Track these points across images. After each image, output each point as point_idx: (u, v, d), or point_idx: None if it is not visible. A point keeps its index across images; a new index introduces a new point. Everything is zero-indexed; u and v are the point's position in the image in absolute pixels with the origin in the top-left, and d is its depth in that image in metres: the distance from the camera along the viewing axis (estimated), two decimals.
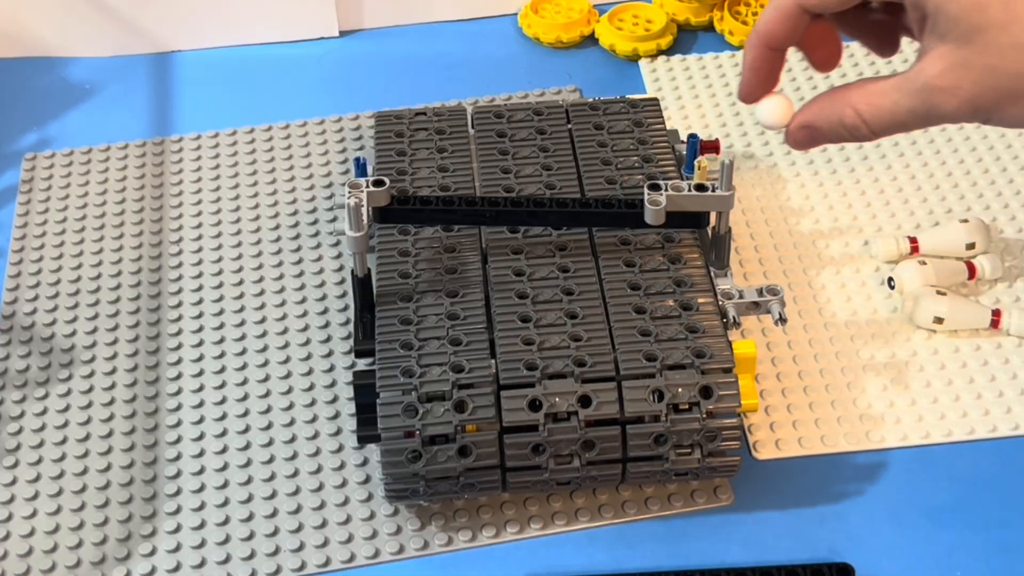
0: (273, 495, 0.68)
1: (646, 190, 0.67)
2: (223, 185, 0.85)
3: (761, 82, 0.61)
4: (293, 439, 0.70)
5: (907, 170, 0.84)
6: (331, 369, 0.74)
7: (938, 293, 0.73)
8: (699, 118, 0.89)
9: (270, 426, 0.71)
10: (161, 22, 0.95)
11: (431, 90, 0.92)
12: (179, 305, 0.78)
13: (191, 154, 0.88)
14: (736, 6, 0.96)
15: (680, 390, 0.62)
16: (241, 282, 0.79)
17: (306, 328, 0.76)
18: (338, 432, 0.70)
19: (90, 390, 0.73)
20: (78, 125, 0.91)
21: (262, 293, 0.78)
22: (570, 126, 0.77)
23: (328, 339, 0.75)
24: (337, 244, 0.81)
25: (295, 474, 0.69)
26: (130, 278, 0.79)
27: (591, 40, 0.96)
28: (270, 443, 0.70)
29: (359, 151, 0.87)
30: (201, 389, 0.73)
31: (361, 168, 0.73)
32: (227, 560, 0.65)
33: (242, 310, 0.77)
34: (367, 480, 0.68)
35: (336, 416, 0.71)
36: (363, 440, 0.64)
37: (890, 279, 0.76)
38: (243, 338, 0.76)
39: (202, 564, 0.65)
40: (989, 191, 0.83)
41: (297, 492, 0.68)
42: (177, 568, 0.65)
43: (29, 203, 0.84)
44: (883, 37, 0.60)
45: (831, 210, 0.82)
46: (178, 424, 0.71)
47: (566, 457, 0.62)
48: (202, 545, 0.66)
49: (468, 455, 0.61)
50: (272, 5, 0.96)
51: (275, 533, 0.66)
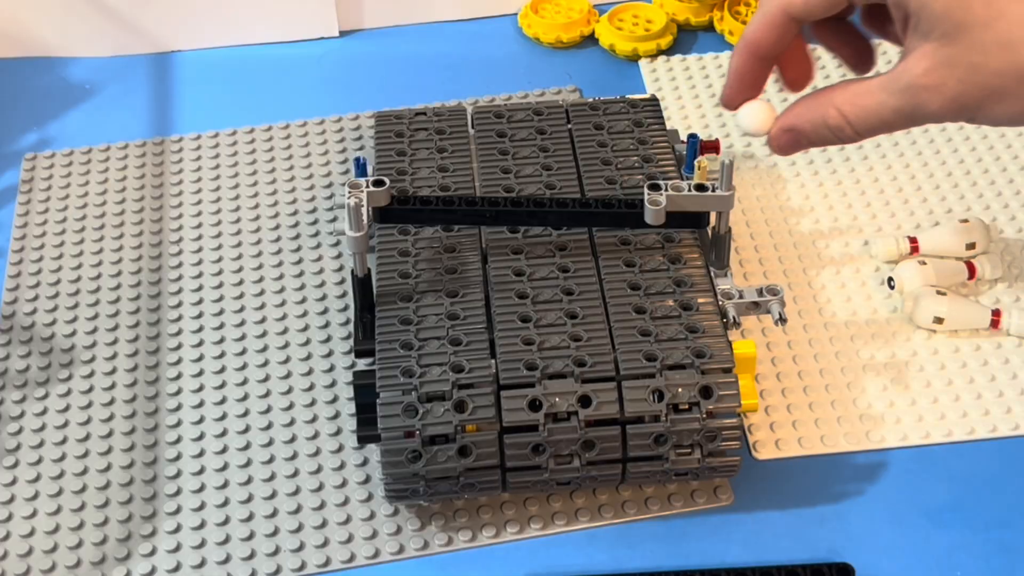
0: (273, 495, 0.68)
1: (646, 190, 0.67)
2: (223, 185, 0.85)
3: (744, 89, 0.61)
4: (293, 439, 0.70)
5: (907, 170, 0.84)
6: (331, 369, 0.74)
7: (938, 293, 0.73)
8: (699, 118, 0.89)
9: (270, 426, 0.71)
10: (161, 22, 0.95)
11: (431, 90, 0.92)
12: (179, 305, 0.78)
13: (191, 154, 0.88)
14: (736, 6, 0.96)
15: (680, 390, 0.62)
16: (241, 282, 0.79)
17: (306, 328, 0.76)
18: (338, 432, 0.70)
19: (90, 390, 0.73)
20: (78, 125, 0.91)
21: (262, 293, 0.78)
22: (570, 126, 0.77)
23: (328, 339, 0.75)
24: (337, 244, 0.81)
25: (295, 474, 0.69)
26: (130, 278, 0.79)
27: (591, 40, 0.96)
28: (270, 443, 0.70)
29: (359, 151, 0.87)
30: (201, 389, 0.73)
31: (361, 168, 0.73)
32: (227, 560, 0.65)
33: (242, 310, 0.77)
34: (367, 480, 0.68)
35: (336, 416, 0.71)
36: (363, 440, 0.64)
37: (890, 279, 0.76)
38: (243, 338, 0.76)
39: (202, 564, 0.65)
40: (989, 191, 0.83)
41: (297, 492, 0.68)
42: (177, 568, 0.65)
43: (29, 203, 0.84)
44: (861, 51, 0.60)
45: (831, 210, 0.82)
46: (178, 424, 0.71)
47: (566, 457, 0.62)
48: (202, 545, 0.66)
49: (468, 455, 0.61)
50: (272, 5, 0.96)
51: (275, 533, 0.66)
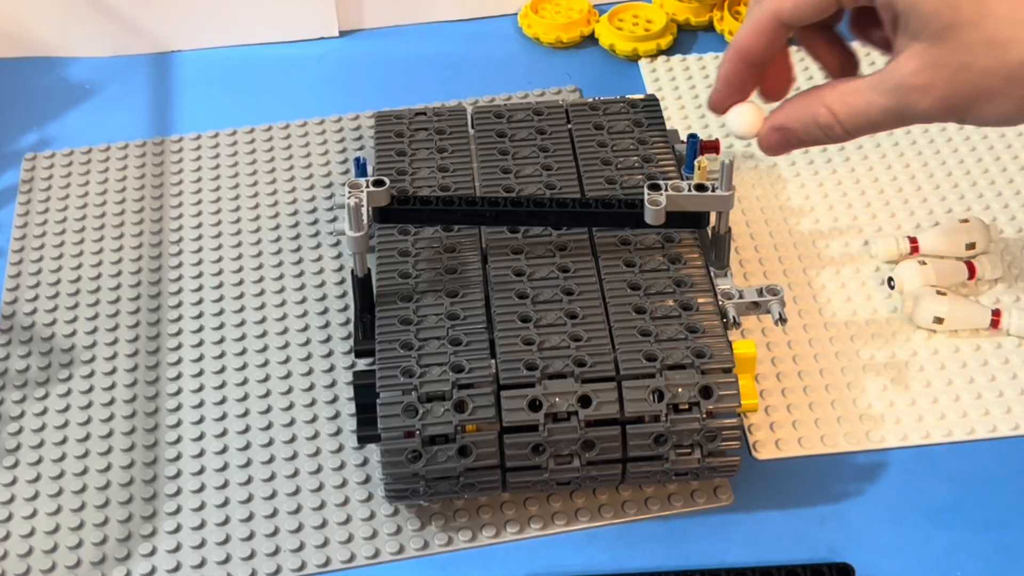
0: (273, 495, 0.68)
1: (646, 190, 0.67)
2: (223, 185, 0.85)
3: (732, 94, 0.61)
4: (293, 439, 0.70)
5: (907, 170, 0.84)
6: (331, 369, 0.74)
7: (938, 293, 0.73)
8: (699, 118, 0.89)
9: (270, 426, 0.71)
10: (161, 22, 0.95)
11: (431, 90, 0.92)
12: (179, 305, 0.78)
13: (191, 154, 0.88)
14: (736, 6, 0.96)
15: (680, 390, 0.62)
16: (241, 282, 0.79)
17: (306, 328, 0.76)
18: (338, 432, 0.70)
19: (90, 390, 0.73)
20: (78, 125, 0.91)
21: (262, 293, 0.78)
22: (570, 126, 0.77)
23: (328, 339, 0.75)
24: (337, 244, 0.81)
25: (295, 474, 0.69)
26: (130, 278, 0.79)
27: (591, 40, 0.96)
28: (270, 443, 0.70)
29: (359, 151, 0.87)
30: (201, 389, 0.73)
31: (361, 168, 0.73)
32: (227, 560, 0.65)
33: (242, 310, 0.77)
34: (367, 480, 0.68)
35: (336, 416, 0.71)
36: (363, 440, 0.64)
37: (890, 279, 0.76)
38: (243, 338, 0.76)
39: (202, 564, 0.65)
40: (989, 191, 0.83)
41: (297, 492, 0.68)
42: (177, 568, 0.65)
43: (29, 203, 0.84)
44: (845, 61, 0.60)
45: (831, 210, 0.82)
46: (178, 424, 0.71)
47: (566, 457, 0.62)
48: (202, 545, 0.66)
49: (468, 455, 0.61)
50: (272, 5, 0.96)
51: (275, 533, 0.66)
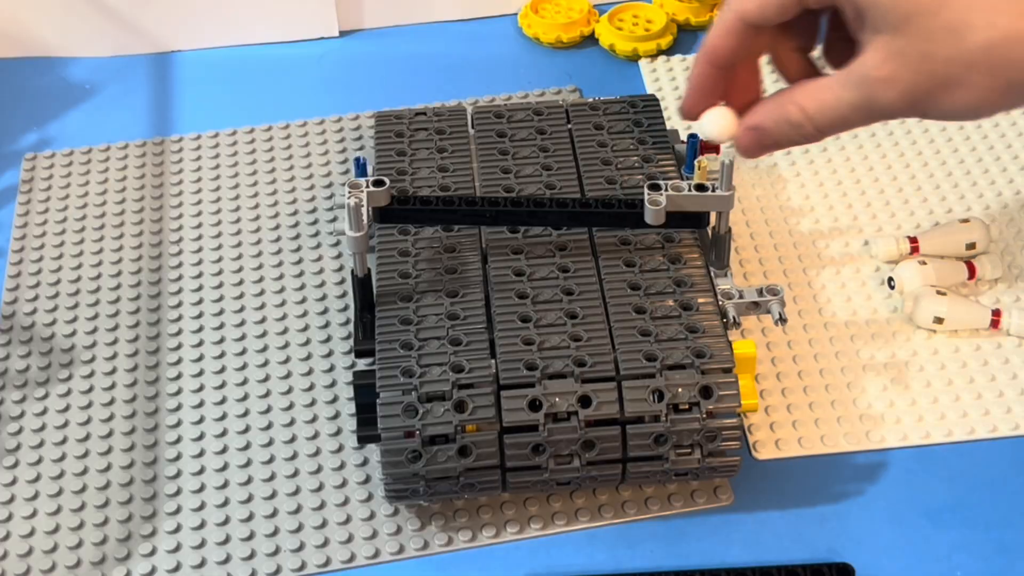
0: (273, 495, 0.68)
1: (646, 190, 0.67)
2: (223, 185, 0.85)
3: (703, 99, 0.62)
4: (293, 439, 0.70)
5: (907, 170, 0.84)
6: (331, 369, 0.74)
7: (938, 293, 0.73)
8: None
9: (270, 426, 0.71)
10: (161, 22, 0.95)
11: (431, 90, 0.92)
12: (179, 305, 0.78)
13: (191, 154, 0.88)
14: None
15: (680, 390, 0.62)
16: (241, 282, 0.79)
17: (306, 328, 0.76)
18: (338, 432, 0.70)
19: (90, 390, 0.73)
20: (78, 125, 0.91)
21: (262, 293, 0.78)
22: (570, 126, 0.77)
23: (328, 339, 0.75)
24: (337, 244, 0.81)
25: (295, 474, 0.69)
26: (130, 278, 0.79)
27: (591, 40, 0.96)
28: (270, 443, 0.70)
29: (359, 151, 0.87)
30: (201, 389, 0.73)
31: (361, 168, 0.73)
32: (227, 560, 0.65)
33: (242, 310, 0.77)
34: (367, 480, 0.68)
35: (336, 416, 0.71)
36: (363, 440, 0.64)
37: (890, 279, 0.76)
38: (243, 338, 0.76)
39: (202, 564, 0.65)
40: (989, 191, 0.83)
41: (297, 492, 0.68)
42: (177, 568, 0.65)
43: (29, 203, 0.84)
44: (810, 72, 0.61)
45: (831, 210, 0.82)
46: (178, 424, 0.71)
47: (566, 457, 0.62)
48: (202, 545, 0.66)
49: (468, 455, 0.61)
50: (272, 5, 0.96)
51: (275, 533, 0.66)
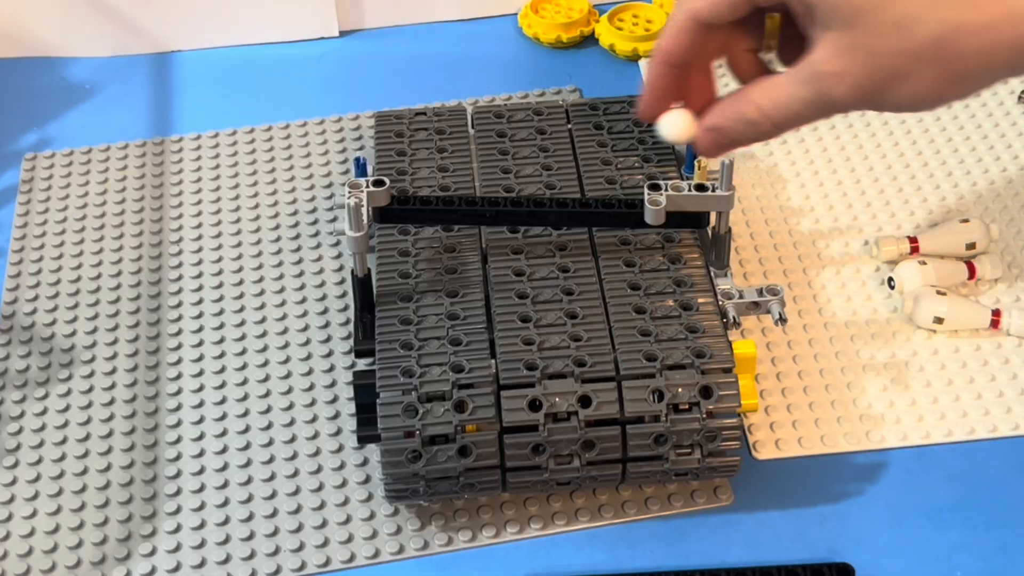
0: (273, 495, 0.68)
1: (646, 190, 0.67)
2: (223, 185, 0.85)
3: (660, 100, 0.62)
4: (293, 439, 0.70)
5: (907, 170, 0.84)
6: (331, 369, 0.74)
7: (938, 293, 0.73)
8: None
9: (270, 426, 0.71)
10: (161, 22, 0.95)
11: (431, 90, 0.92)
12: (179, 305, 0.78)
13: (191, 154, 0.88)
14: None
15: (680, 390, 0.62)
16: (241, 282, 0.79)
17: (306, 328, 0.76)
18: (338, 432, 0.70)
19: (90, 390, 0.73)
20: (78, 125, 0.91)
21: (262, 293, 0.78)
22: (570, 126, 0.77)
23: (328, 339, 0.75)
24: (337, 244, 0.81)
25: (295, 474, 0.69)
26: (130, 278, 0.79)
27: (591, 40, 0.96)
28: (270, 443, 0.70)
29: (359, 151, 0.87)
30: (201, 389, 0.73)
31: (361, 168, 0.73)
32: (227, 560, 0.65)
33: (242, 310, 0.77)
34: (367, 480, 0.68)
35: (336, 416, 0.71)
36: (363, 440, 0.64)
37: (890, 279, 0.76)
38: (243, 338, 0.76)
39: (202, 564, 0.65)
40: (989, 191, 0.83)
41: (297, 492, 0.68)
42: (177, 568, 0.65)
43: (29, 203, 0.84)
44: (763, 72, 0.61)
45: (831, 210, 0.82)
46: (178, 424, 0.71)
47: (566, 457, 0.62)
48: (202, 545, 0.66)
49: (468, 455, 0.61)
50: (272, 5, 0.96)
51: (275, 533, 0.66)
